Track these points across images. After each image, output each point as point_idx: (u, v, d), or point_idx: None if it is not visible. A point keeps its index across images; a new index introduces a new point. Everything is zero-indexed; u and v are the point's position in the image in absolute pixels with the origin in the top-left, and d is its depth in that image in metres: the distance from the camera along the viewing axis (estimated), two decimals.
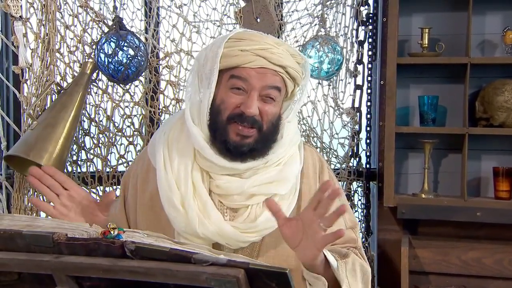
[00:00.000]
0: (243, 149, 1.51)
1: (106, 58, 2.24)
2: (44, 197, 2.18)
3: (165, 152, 1.56)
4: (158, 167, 1.55)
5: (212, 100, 1.51)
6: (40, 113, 2.16)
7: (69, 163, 2.32)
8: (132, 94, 2.44)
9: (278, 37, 2.53)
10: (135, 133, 2.46)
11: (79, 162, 2.38)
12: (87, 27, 2.32)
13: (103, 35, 2.29)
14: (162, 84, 2.48)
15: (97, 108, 2.38)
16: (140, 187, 1.63)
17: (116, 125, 2.43)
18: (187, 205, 1.49)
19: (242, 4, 2.49)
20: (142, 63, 2.28)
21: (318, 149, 2.67)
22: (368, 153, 2.75)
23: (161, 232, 1.21)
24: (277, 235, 1.49)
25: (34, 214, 2.20)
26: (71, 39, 2.30)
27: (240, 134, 1.50)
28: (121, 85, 2.39)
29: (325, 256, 1.45)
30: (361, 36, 2.67)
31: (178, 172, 1.52)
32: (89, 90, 2.32)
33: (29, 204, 2.19)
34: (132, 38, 2.27)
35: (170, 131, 1.60)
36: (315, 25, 2.60)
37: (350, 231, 1.64)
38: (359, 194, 2.77)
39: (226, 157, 1.51)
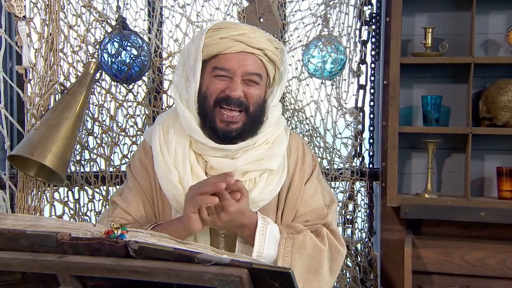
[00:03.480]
0: (232, 135, 1.62)
1: (109, 58, 2.24)
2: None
3: (160, 138, 1.68)
4: (155, 151, 1.66)
5: (199, 89, 1.62)
6: (43, 113, 2.16)
7: (72, 162, 2.32)
8: (135, 94, 2.45)
9: (281, 37, 2.53)
10: (138, 133, 2.46)
11: (82, 162, 2.38)
12: (90, 27, 2.32)
13: (106, 35, 2.29)
14: (165, 84, 2.48)
15: (100, 108, 2.39)
16: (150, 169, 1.72)
17: (119, 124, 2.43)
18: (185, 183, 1.59)
19: (245, 4, 2.49)
20: (145, 63, 2.28)
21: (321, 149, 2.67)
22: (371, 153, 2.75)
23: None
24: (268, 208, 1.66)
25: (38, 213, 2.21)
26: (75, 39, 2.30)
27: (225, 121, 1.61)
28: (124, 85, 2.39)
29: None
30: (364, 36, 2.67)
31: (175, 154, 1.64)
32: (92, 90, 2.32)
33: (32, 203, 2.19)
34: (135, 38, 2.27)
35: (165, 121, 1.72)
36: (318, 25, 2.60)
37: (324, 207, 1.73)
38: (362, 194, 2.77)
39: (216, 140, 1.62)
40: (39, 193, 2.20)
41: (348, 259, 2.71)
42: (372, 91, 2.73)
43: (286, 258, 1.56)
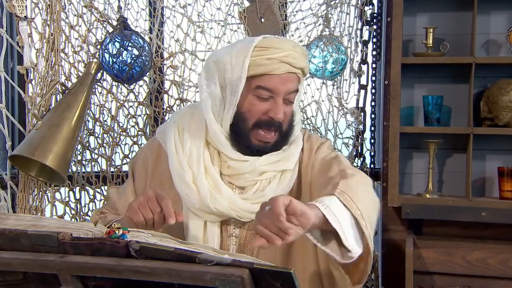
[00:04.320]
0: (266, 151, 1.63)
1: (110, 58, 2.24)
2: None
3: (175, 137, 1.66)
4: (170, 150, 1.66)
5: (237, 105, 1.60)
6: (45, 113, 2.16)
7: (73, 163, 2.32)
8: (136, 94, 2.45)
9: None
10: (140, 133, 2.46)
11: (83, 162, 2.38)
12: (91, 27, 2.32)
13: (107, 35, 2.29)
14: (167, 84, 2.48)
15: (101, 108, 2.39)
16: (150, 169, 1.73)
17: (121, 125, 2.43)
18: (199, 183, 1.59)
19: (247, 4, 2.48)
20: (147, 63, 2.28)
21: None
22: (372, 153, 2.75)
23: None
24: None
25: (39, 214, 2.21)
26: (76, 39, 2.31)
27: (262, 140, 1.62)
28: (125, 85, 2.39)
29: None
30: (366, 36, 2.67)
31: (190, 153, 1.63)
32: (93, 90, 2.33)
33: (34, 203, 2.19)
34: (136, 38, 2.27)
35: (180, 119, 1.70)
36: (319, 25, 2.60)
37: (346, 170, 1.64)
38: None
39: (247, 155, 1.62)
40: (40, 193, 2.20)
41: None
42: (373, 91, 2.72)
43: (355, 207, 1.46)
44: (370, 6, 2.66)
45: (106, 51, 2.25)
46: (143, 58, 2.26)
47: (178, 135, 1.67)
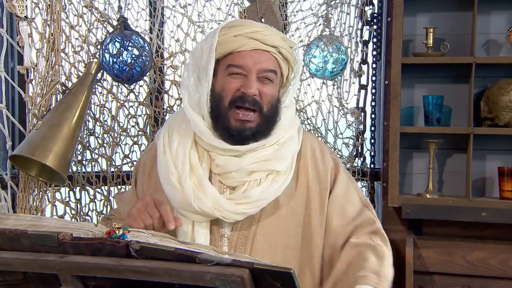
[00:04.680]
0: (246, 134, 1.60)
1: (110, 58, 2.24)
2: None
3: (165, 137, 1.67)
4: (159, 152, 1.66)
5: (212, 89, 1.60)
6: (45, 113, 2.16)
7: (74, 163, 2.33)
8: (136, 94, 2.45)
9: None
10: (140, 133, 2.46)
11: (84, 162, 2.38)
12: (92, 27, 2.32)
13: (108, 35, 2.29)
14: (167, 84, 2.48)
15: (101, 108, 2.39)
16: (147, 172, 1.74)
17: (121, 125, 2.43)
18: (183, 182, 1.58)
19: (247, 4, 2.49)
20: (147, 63, 2.28)
21: None
22: (372, 153, 2.75)
23: None
24: (275, 211, 1.63)
25: (39, 214, 2.21)
26: (76, 39, 2.31)
27: (240, 119, 1.59)
28: (125, 85, 2.39)
29: None
30: (366, 36, 2.67)
31: (176, 154, 1.62)
32: (94, 90, 2.33)
33: (34, 203, 2.19)
34: (136, 38, 2.27)
35: (173, 121, 1.71)
36: (320, 25, 2.60)
37: (366, 210, 1.72)
38: (364, 194, 2.77)
39: (228, 141, 1.61)
40: (41, 193, 2.20)
41: None
42: (373, 91, 2.72)
43: None
44: (370, 6, 2.66)
45: (106, 51, 2.25)
46: (143, 58, 2.26)
47: (167, 136, 1.67)
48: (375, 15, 2.68)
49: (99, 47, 2.29)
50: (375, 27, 2.68)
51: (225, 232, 1.64)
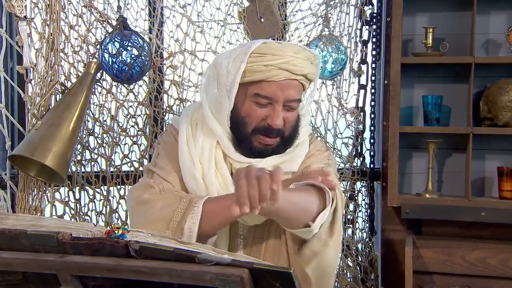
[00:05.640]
0: (267, 152, 1.61)
1: (110, 58, 2.24)
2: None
3: (188, 130, 1.64)
4: (181, 143, 1.62)
5: (234, 108, 1.58)
6: (44, 113, 2.16)
7: (73, 162, 2.32)
8: (136, 94, 2.44)
9: (282, 37, 2.53)
10: (139, 132, 2.46)
11: (83, 162, 2.38)
12: (91, 27, 2.32)
13: (107, 35, 2.29)
14: (166, 84, 2.47)
15: (101, 108, 2.38)
16: (170, 152, 1.68)
17: (120, 125, 2.42)
18: (208, 180, 1.58)
19: (246, 3, 2.48)
20: (146, 63, 2.28)
21: None
22: (372, 153, 2.75)
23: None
24: None
25: (39, 213, 2.21)
26: (75, 39, 2.30)
27: (263, 143, 1.59)
28: (125, 85, 2.39)
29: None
30: (365, 36, 2.68)
31: (202, 149, 1.61)
32: (93, 90, 2.32)
33: (33, 203, 2.19)
34: (136, 38, 2.27)
35: (193, 115, 1.68)
36: (319, 24, 2.60)
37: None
38: (363, 194, 2.77)
39: (249, 157, 1.61)
40: (40, 193, 2.20)
41: (349, 258, 2.71)
42: (373, 91, 2.73)
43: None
44: (370, 6, 2.67)
45: (105, 51, 2.24)
46: (143, 58, 2.26)
47: (191, 129, 1.64)
48: (374, 15, 2.68)
49: (98, 47, 2.29)
50: (374, 27, 2.68)
51: (243, 232, 1.65)
